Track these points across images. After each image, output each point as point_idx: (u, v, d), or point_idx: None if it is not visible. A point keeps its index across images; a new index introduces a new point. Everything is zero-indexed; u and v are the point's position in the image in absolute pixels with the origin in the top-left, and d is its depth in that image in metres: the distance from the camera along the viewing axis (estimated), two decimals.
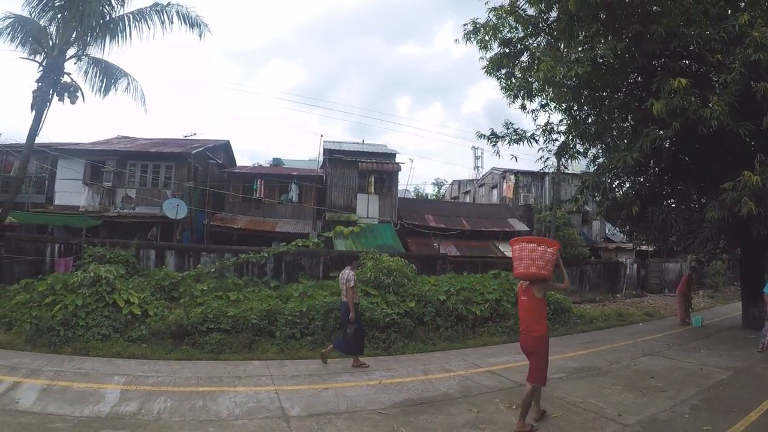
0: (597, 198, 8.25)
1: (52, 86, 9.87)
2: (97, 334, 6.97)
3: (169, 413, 4.12)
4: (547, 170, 9.81)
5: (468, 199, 20.49)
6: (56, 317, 6.94)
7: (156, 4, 10.43)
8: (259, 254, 9.76)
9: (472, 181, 21.20)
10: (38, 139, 10.51)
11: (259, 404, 4.44)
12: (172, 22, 10.41)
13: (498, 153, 8.95)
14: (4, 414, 3.89)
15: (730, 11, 7.10)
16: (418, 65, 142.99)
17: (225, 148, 15.46)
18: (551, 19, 8.77)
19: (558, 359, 6.89)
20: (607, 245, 16.29)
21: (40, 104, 9.77)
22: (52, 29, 10.20)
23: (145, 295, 8.04)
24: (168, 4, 10.44)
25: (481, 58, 8.71)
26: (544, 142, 8.88)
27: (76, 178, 12.09)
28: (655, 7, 6.83)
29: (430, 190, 31.66)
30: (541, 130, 8.92)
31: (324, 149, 14.13)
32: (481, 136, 8.90)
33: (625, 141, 7.31)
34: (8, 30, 10.10)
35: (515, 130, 8.81)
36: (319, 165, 14.83)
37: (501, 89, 8.97)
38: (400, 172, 12.75)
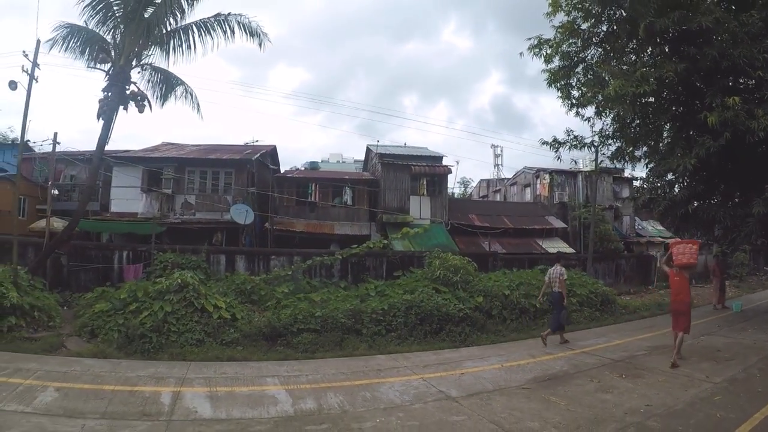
0: (653, 196, 9.72)
1: (119, 95, 10.48)
2: (191, 339, 7.47)
3: (350, 405, 4.74)
4: (602, 168, 11.22)
5: (498, 198, 21.93)
6: (146, 324, 7.45)
7: (218, 14, 10.88)
8: (333, 256, 10.94)
9: (502, 179, 22.68)
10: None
11: (419, 390, 5.34)
12: (233, 33, 10.87)
13: (559, 158, 10.34)
14: (197, 424, 4.20)
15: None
16: (424, 63, 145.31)
17: (272, 153, 16.47)
18: (602, 32, 10.26)
19: (633, 341, 8.34)
20: (638, 239, 17.96)
21: (108, 113, 10.40)
22: (117, 39, 10.78)
23: (230, 300, 8.77)
24: (229, 14, 10.90)
25: (544, 70, 10.13)
26: (599, 147, 10.31)
27: (134, 186, 13.03)
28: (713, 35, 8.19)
29: (456, 189, 33.04)
30: (597, 136, 10.36)
31: (376, 153, 15.33)
32: (544, 142, 10.31)
33: (681, 148, 8.73)
34: (67, 40, 10.71)
35: (575, 137, 10.24)
36: (363, 168, 16.02)
37: (558, 98, 10.42)
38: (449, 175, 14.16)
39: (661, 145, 10.59)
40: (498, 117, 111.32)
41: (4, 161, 17.50)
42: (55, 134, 10.93)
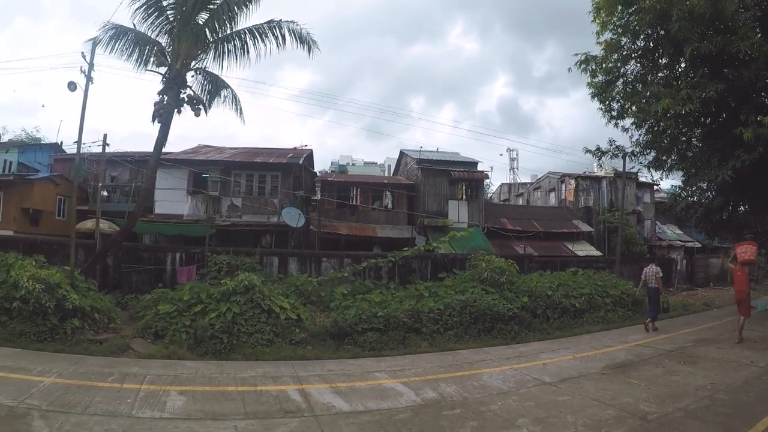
0: (690, 203, 10.99)
1: (175, 99, 11.03)
2: (261, 339, 7.97)
3: (467, 393, 5.51)
4: (644, 179, 12.49)
5: (521, 202, 23.16)
6: (215, 325, 7.92)
7: (271, 21, 11.35)
8: (386, 259, 11.94)
9: (524, 184, 23.98)
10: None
11: (517, 378, 6.28)
12: (284, 39, 11.31)
13: (602, 166, 11.54)
14: (344, 417, 4.62)
15: None
16: (430, 65, 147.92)
17: (309, 157, 17.38)
18: (639, 48, 11.50)
19: (676, 335, 9.54)
20: (660, 243, 19.33)
21: (165, 116, 10.96)
22: (169, 43, 11.32)
23: (293, 301, 9.57)
24: (280, 20, 11.34)
25: (589, 84, 11.32)
26: (638, 156, 11.56)
27: (179, 188, 13.85)
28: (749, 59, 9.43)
29: None
30: (636, 146, 11.60)
31: (413, 159, 16.41)
32: (588, 151, 11.52)
33: (717, 159, 9.96)
34: (114, 41, 11.14)
35: (617, 147, 11.48)
36: (394, 171, 17.04)
37: (599, 110, 11.64)
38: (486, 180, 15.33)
39: (690, 153, 11.89)
40: (505, 119, 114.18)
41: (37, 161, 18.10)
42: (105, 135, 11.64)
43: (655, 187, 18.47)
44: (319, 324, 9.13)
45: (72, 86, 11.09)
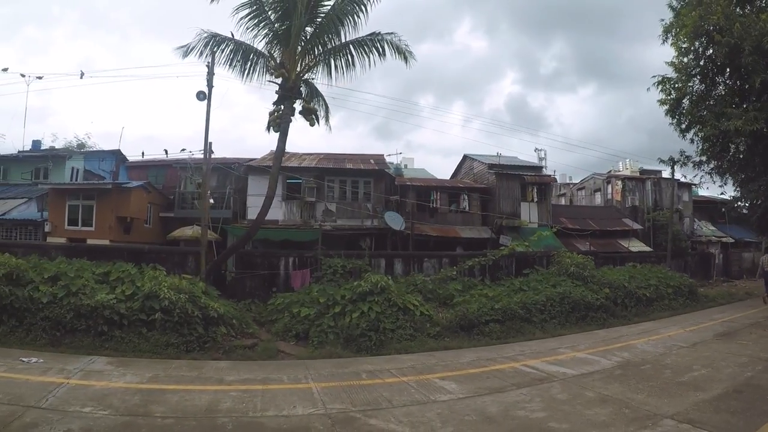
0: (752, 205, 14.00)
1: (291, 109, 12.28)
2: (404, 335, 9.33)
3: (639, 356, 7.84)
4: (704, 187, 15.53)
5: (563, 201, 26.10)
6: (360, 324, 9.13)
7: (374, 33, 12.45)
8: (487, 257, 14.37)
9: (567, 184, 26.96)
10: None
11: (658, 345, 8.73)
12: (384, 51, 12.36)
13: (672, 173, 14.39)
14: (592, 374, 6.49)
15: None
16: (438, 64, 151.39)
17: (383, 162, 19.54)
18: (699, 67, 14.41)
19: (748, 314, 12.44)
20: (699, 239, 22.59)
21: (283, 126, 12.15)
22: (284, 55, 12.27)
23: (419, 298, 11.89)
24: (380, 33, 12.44)
25: (661, 101, 14.13)
26: (703, 165, 14.53)
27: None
28: None
29: None
30: (702, 155, 14.56)
31: (484, 164, 18.95)
32: (661, 161, 14.42)
33: None
34: (209, 48, 12.34)
35: (687, 157, 14.40)
36: (453, 174, 19.47)
37: (670, 125, 14.52)
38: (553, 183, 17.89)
39: (740, 157, 14.93)
40: (514, 116, 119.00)
41: (101, 168, 19.55)
42: (210, 143, 13.15)
43: (693, 187, 21.69)
44: (445, 318, 10.81)
45: (201, 96, 12.69)
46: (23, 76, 15.65)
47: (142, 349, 7.99)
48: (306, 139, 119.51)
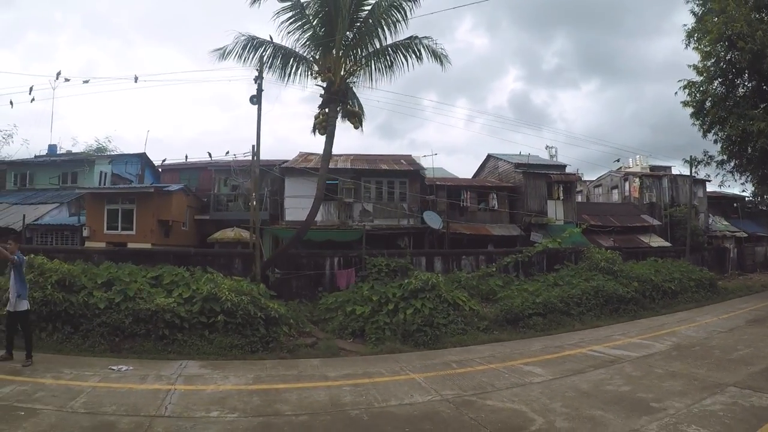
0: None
1: (336, 112, 13.13)
2: (456, 329, 9.99)
3: (686, 340, 9.03)
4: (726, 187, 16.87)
5: (580, 198, 27.29)
6: (415, 320, 9.75)
7: (412, 37, 13.10)
8: (522, 254, 15.48)
9: (583, 182, 28.21)
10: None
11: (701, 330, 10.06)
12: (421, 55, 13.01)
13: (697, 173, 15.67)
14: (652, 356, 7.56)
15: None
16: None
17: (413, 161, 20.57)
18: (720, 69, 15.67)
19: (760, 306, 13.67)
20: (715, 233, 23.97)
21: (330, 129, 12.83)
22: (328, 59, 12.92)
23: (465, 294, 13.11)
24: (416, 37, 13.07)
25: (686, 103, 15.36)
26: (725, 164, 15.83)
27: (312, 195, 16.66)
28: None
29: None
30: (724, 154, 15.85)
31: (511, 163, 20.10)
32: (686, 161, 15.67)
33: None
34: (247, 51, 12.88)
35: (711, 157, 15.67)
36: (476, 174, 20.56)
37: (693, 125, 15.78)
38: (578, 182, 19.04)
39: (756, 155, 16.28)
40: (517, 113, 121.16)
41: (127, 172, 20.30)
42: (253, 146, 13.91)
43: (707, 184, 23.11)
44: (492, 312, 11.78)
45: (254, 100, 13.43)
46: (61, 78, 16.17)
47: (206, 351, 8.20)
48: (307, 139, 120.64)
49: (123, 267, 10.56)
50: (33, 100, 15.50)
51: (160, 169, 21.13)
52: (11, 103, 15.64)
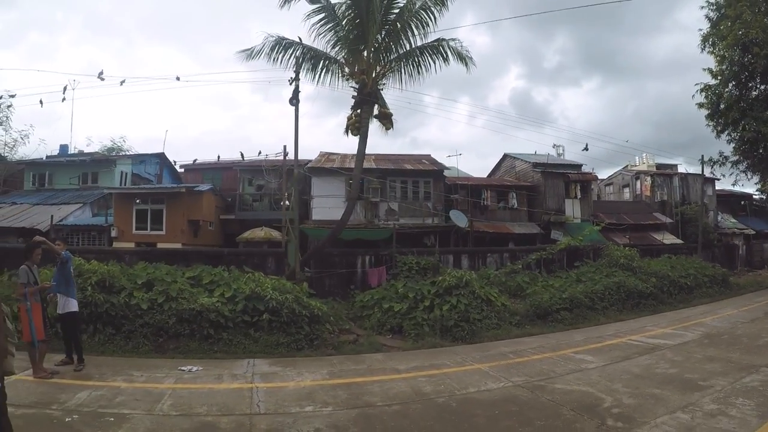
0: None
1: (369, 113, 13.52)
2: (490, 324, 10.61)
3: (712, 329, 10.00)
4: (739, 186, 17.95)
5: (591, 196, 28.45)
6: (452, 316, 10.26)
7: (440, 39, 13.60)
8: (546, 251, 16.38)
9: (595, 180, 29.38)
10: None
11: (724, 321, 11.03)
12: (447, 57, 13.43)
13: (713, 172, 16.72)
14: (688, 343, 8.45)
15: None
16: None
17: (434, 161, 21.40)
18: (734, 72, 16.69)
19: None
20: (724, 230, 25.10)
21: (363, 130, 13.35)
22: (358, 61, 13.40)
23: (496, 290, 14.02)
24: (442, 39, 13.53)
25: (701, 105, 16.36)
26: (739, 164, 16.88)
27: (338, 195, 17.45)
28: None
29: None
30: (737, 154, 16.89)
31: (529, 163, 21.01)
32: (703, 161, 16.64)
33: None
34: (275, 51, 13.19)
35: (725, 157, 16.70)
36: (492, 173, 21.44)
37: (707, 125, 16.78)
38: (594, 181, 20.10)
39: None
40: (519, 111, 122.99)
41: (146, 172, 20.87)
42: (285, 147, 14.84)
43: (715, 182, 24.26)
44: (522, 308, 12.45)
45: (293, 101, 14.05)
46: (101, 78, 16.68)
47: (252, 350, 8.46)
48: (308, 138, 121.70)
49: (159, 267, 10.70)
50: (64, 99, 16.03)
51: (182, 169, 21.72)
52: (41, 102, 16.10)
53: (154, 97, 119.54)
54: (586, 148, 30.20)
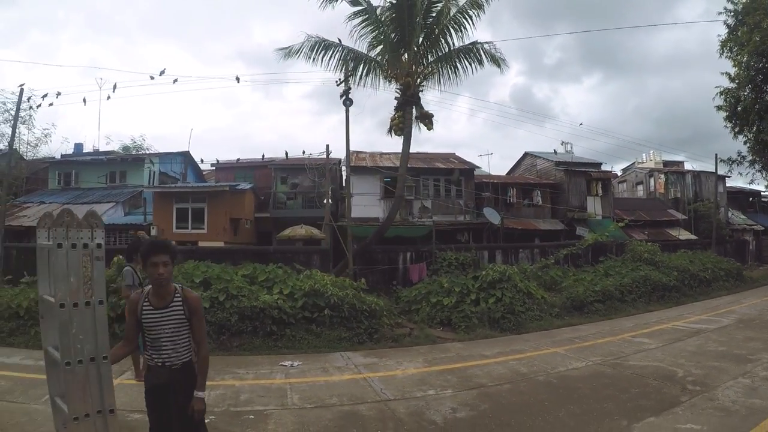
0: None
1: (412, 114, 14.21)
2: (533, 316, 11.47)
3: (745, 316, 11.51)
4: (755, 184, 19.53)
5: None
6: (498, 308, 11.05)
7: (475, 42, 14.40)
8: (575, 246, 17.75)
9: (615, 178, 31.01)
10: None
11: (753, 308, 12.56)
12: (481, 59, 14.24)
13: (730, 170, 18.23)
14: (725, 328, 9.86)
15: None
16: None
17: (461, 159, 22.62)
18: (750, 76, 18.19)
19: None
20: (736, 226, 26.83)
21: (407, 130, 14.15)
22: (400, 63, 14.15)
23: (532, 284, 15.33)
24: (477, 42, 14.37)
25: (719, 107, 17.83)
26: (755, 164, 18.43)
27: (373, 193, 18.58)
28: None
29: None
30: (755, 157, 18.44)
31: (551, 162, 22.39)
32: (722, 160, 18.16)
33: None
34: (313, 51, 13.91)
35: (743, 157, 18.23)
36: (511, 171, 22.76)
37: (725, 127, 18.29)
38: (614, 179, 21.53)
39: None
40: (520, 108, 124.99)
41: (172, 170, 21.70)
42: (327, 146, 15.91)
43: (727, 179, 25.97)
44: (559, 300, 13.54)
45: (348, 102, 14.87)
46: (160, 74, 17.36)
47: (315, 344, 8.85)
48: (307, 137, 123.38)
49: (211, 266, 10.82)
50: (109, 98, 16.86)
51: (212, 167, 22.63)
52: (84, 100, 16.92)
53: (155, 96, 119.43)
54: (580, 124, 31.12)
